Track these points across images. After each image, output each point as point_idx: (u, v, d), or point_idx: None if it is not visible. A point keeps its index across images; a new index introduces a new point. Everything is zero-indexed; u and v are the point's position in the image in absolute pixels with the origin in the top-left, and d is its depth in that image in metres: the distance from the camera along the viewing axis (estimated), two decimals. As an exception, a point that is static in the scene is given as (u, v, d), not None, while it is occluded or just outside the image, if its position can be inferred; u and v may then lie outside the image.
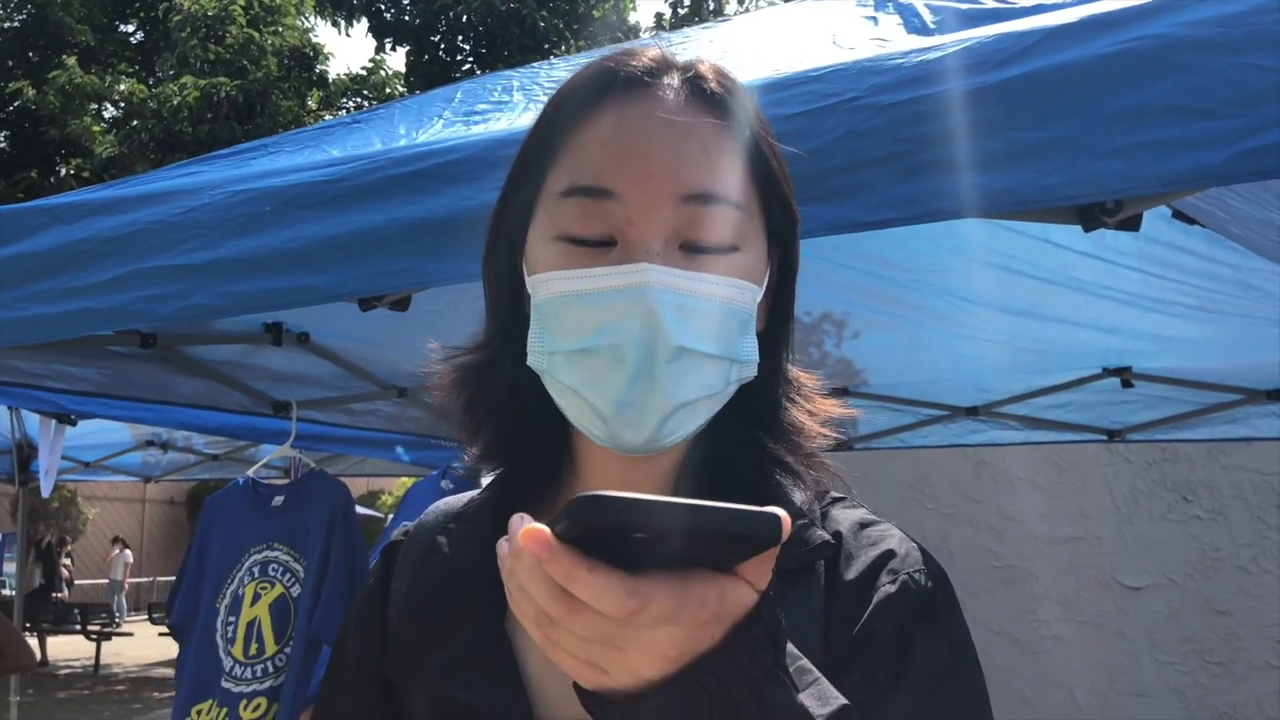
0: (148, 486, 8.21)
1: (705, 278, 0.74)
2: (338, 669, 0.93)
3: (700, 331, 0.73)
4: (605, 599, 0.52)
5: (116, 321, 1.64)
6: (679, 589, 0.54)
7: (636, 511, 0.50)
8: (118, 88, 15.18)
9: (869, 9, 1.81)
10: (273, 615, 2.89)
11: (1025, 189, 1.04)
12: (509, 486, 0.89)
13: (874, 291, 2.64)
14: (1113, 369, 3.40)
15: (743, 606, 0.57)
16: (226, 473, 6.55)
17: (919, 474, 5.86)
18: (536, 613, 0.55)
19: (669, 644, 0.54)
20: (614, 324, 0.73)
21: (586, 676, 0.57)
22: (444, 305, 2.62)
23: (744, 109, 0.78)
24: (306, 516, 2.99)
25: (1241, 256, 2.21)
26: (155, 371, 3.01)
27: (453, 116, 1.77)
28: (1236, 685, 5.36)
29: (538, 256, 0.78)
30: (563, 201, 0.75)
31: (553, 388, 0.79)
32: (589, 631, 0.54)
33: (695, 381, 0.74)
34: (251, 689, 2.82)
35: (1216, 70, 0.97)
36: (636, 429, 0.74)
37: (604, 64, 0.79)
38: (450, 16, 14.82)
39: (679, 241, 0.74)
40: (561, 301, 0.75)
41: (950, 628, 0.76)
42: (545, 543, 0.52)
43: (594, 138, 0.76)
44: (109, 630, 14.76)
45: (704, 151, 0.75)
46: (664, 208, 0.73)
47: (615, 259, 0.74)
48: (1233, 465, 5.50)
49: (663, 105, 0.76)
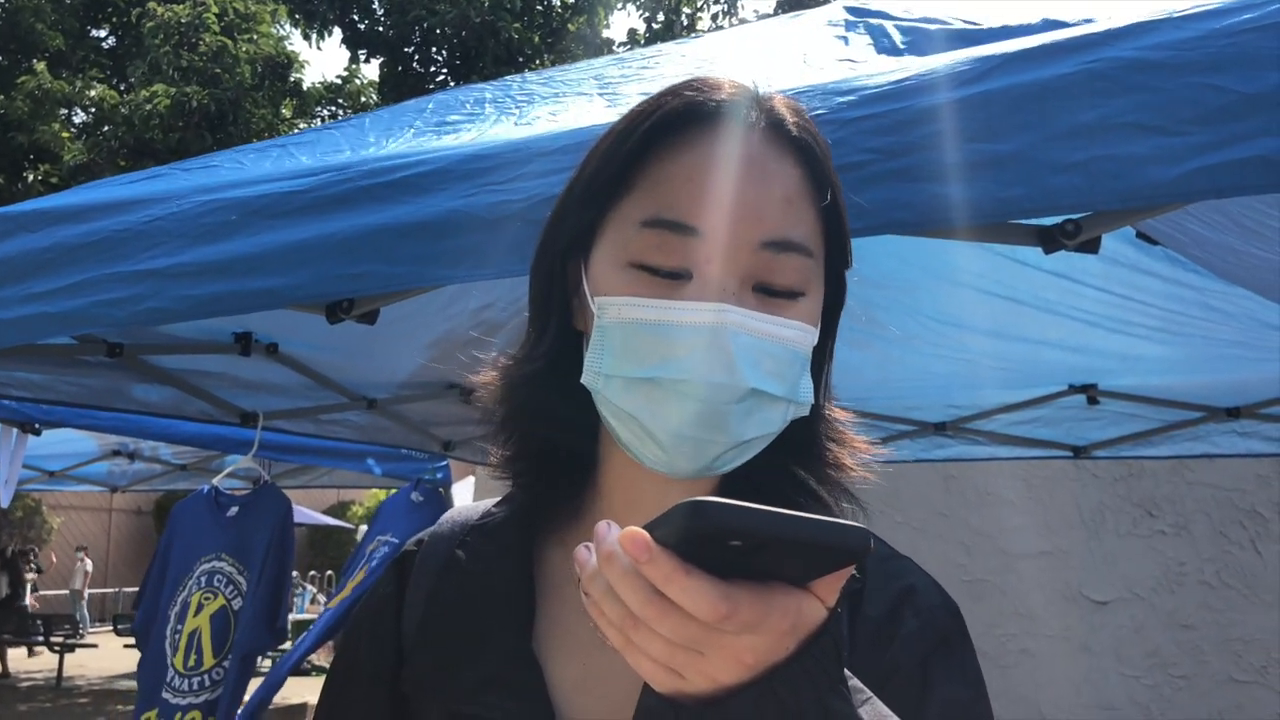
0: (114, 496, 8.09)
1: (777, 320, 0.75)
2: (346, 678, 0.92)
3: (768, 373, 0.75)
4: (700, 603, 0.54)
5: (72, 326, 1.62)
6: (765, 598, 0.56)
7: (739, 518, 0.52)
8: (88, 93, 15.04)
9: (840, 29, 1.83)
10: (213, 627, 2.88)
11: (985, 200, 1.05)
12: (532, 501, 0.89)
13: (844, 308, 2.66)
14: (1079, 386, 3.44)
15: (816, 620, 0.59)
16: (194, 483, 6.47)
17: (890, 488, 5.88)
18: (622, 616, 0.57)
19: (749, 652, 0.57)
20: (684, 358, 0.73)
21: (663, 681, 0.59)
22: (414, 314, 2.62)
23: (822, 152, 0.80)
24: (253, 529, 3.00)
25: (1203, 279, 2.25)
26: (122, 380, 2.98)
27: (424, 126, 1.77)
28: (1200, 699, 5.42)
29: (607, 279, 0.78)
30: (642, 230, 0.76)
31: (606, 408, 0.79)
32: (677, 635, 0.56)
33: (758, 421, 0.76)
34: (187, 701, 2.80)
35: (1171, 90, 0.99)
36: (693, 460, 0.76)
37: (689, 93, 0.78)
38: (424, 28, 14.81)
39: (753, 283, 0.76)
40: (631, 328, 0.75)
41: (965, 660, 0.80)
42: (646, 545, 0.54)
43: (680, 171, 0.76)
44: (72, 642, 14.52)
45: (786, 199, 0.76)
46: (744, 250, 0.75)
47: (691, 294, 0.74)
48: (1196, 481, 5.57)
49: (746, 144, 0.76)
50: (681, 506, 0.53)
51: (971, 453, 4.24)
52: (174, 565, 3.03)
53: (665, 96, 0.79)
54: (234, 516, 3.06)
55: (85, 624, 18.12)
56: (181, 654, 2.86)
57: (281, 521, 3.04)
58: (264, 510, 3.06)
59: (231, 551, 3.00)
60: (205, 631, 2.88)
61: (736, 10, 16.43)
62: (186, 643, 2.86)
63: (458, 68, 15.00)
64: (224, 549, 3.00)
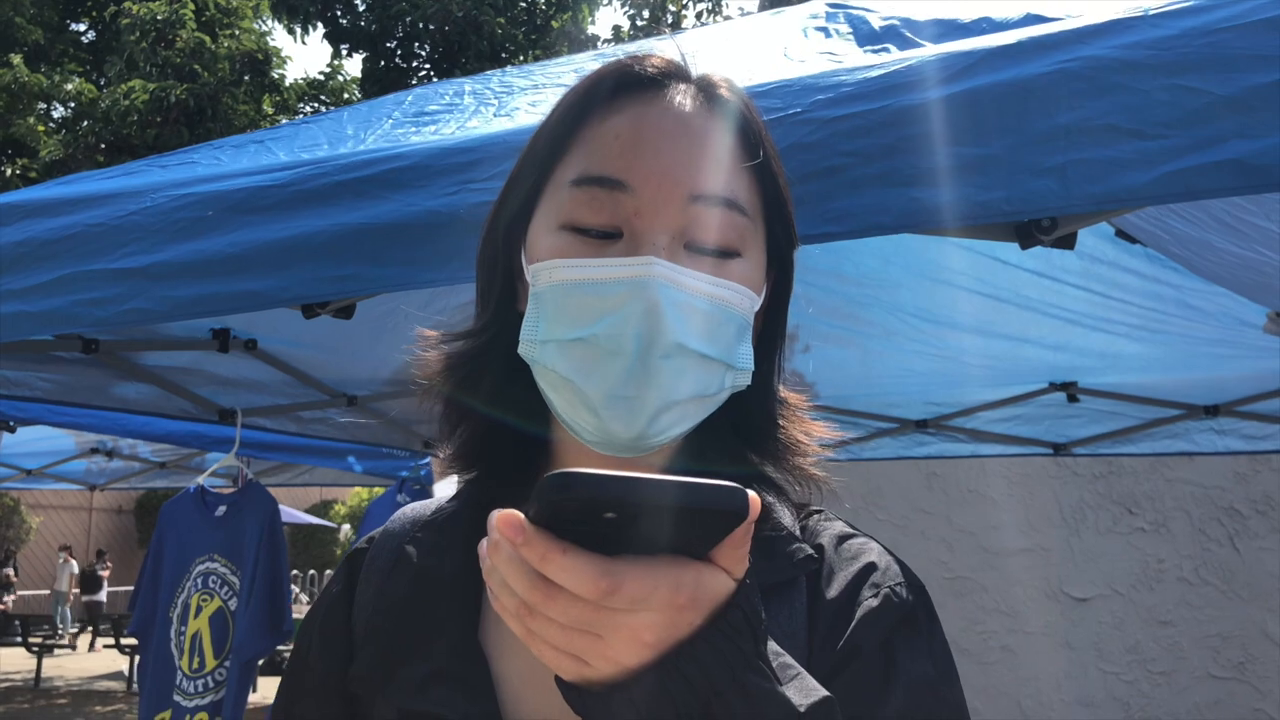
0: (94, 495, 8.03)
1: (708, 278, 0.74)
2: (299, 677, 0.91)
3: (699, 331, 0.74)
4: (579, 579, 0.53)
5: (54, 325, 1.61)
6: (652, 571, 0.55)
7: (603, 486, 0.51)
8: (66, 87, 14.91)
9: (820, 20, 1.83)
10: (212, 629, 2.89)
11: (965, 204, 1.05)
12: (483, 493, 0.87)
13: (826, 306, 2.66)
14: (1059, 383, 3.46)
15: (720, 593, 0.57)
16: (173, 481, 6.44)
17: (872, 486, 5.91)
18: (517, 605, 0.56)
19: (647, 630, 0.55)
20: (614, 314, 0.72)
21: (568, 668, 0.57)
22: (393, 309, 2.61)
23: (754, 122, 0.80)
24: (242, 529, 3.00)
25: (1182, 277, 2.26)
26: (99, 377, 2.96)
27: (402, 117, 1.75)
28: (1178, 695, 5.46)
29: (540, 244, 0.77)
30: (573, 190, 0.76)
31: (543, 377, 0.78)
32: (567, 618, 0.54)
33: (690, 381, 0.74)
34: (194, 703, 2.81)
35: (1147, 92, 1.00)
36: (627, 423, 0.73)
37: (622, 62, 0.79)
38: (407, 23, 14.75)
39: (684, 240, 0.75)
40: (563, 289, 0.75)
41: (932, 640, 0.77)
42: (519, 526, 0.53)
43: (610, 130, 0.76)
44: (50, 643, 14.41)
45: (715, 156, 0.76)
46: (673, 205, 0.74)
47: (621, 251, 0.74)
48: (1175, 479, 5.62)
49: (678, 106, 0.77)
50: (546, 479, 0.51)
51: (953, 450, 4.26)
52: (168, 567, 3.03)
53: (601, 69, 0.80)
54: (222, 516, 3.07)
55: (67, 625, 17.97)
56: (186, 657, 2.87)
57: (269, 520, 3.04)
58: (251, 509, 3.06)
59: (223, 552, 3.00)
60: (206, 634, 2.90)
61: (721, 8, 16.44)
62: (190, 645, 2.88)
63: (440, 63, 14.95)
64: (216, 549, 3.01)
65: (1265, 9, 0.99)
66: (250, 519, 3.03)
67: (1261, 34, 0.98)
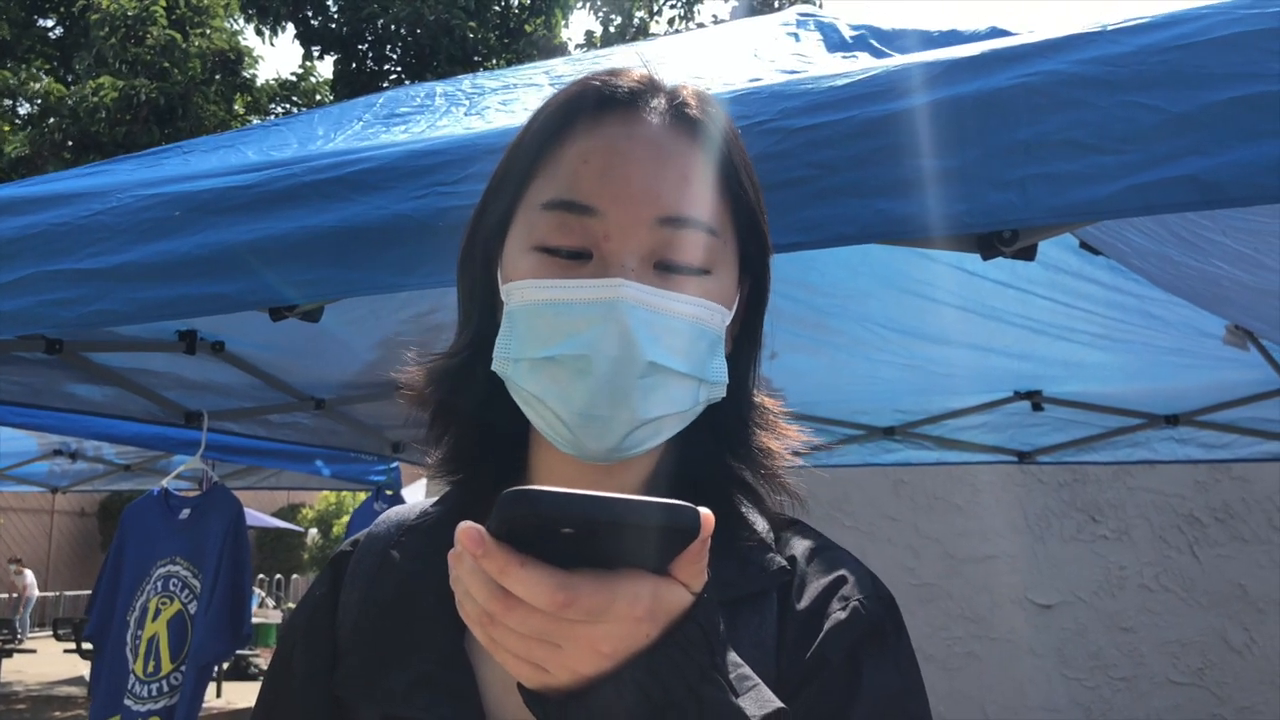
0: (56, 497, 7.90)
1: (676, 296, 0.76)
2: (281, 681, 0.90)
3: (670, 348, 0.75)
4: (536, 592, 0.55)
5: (18, 326, 1.59)
6: (608, 584, 0.56)
7: (559, 504, 0.52)
8: (33, 84, 14.70)
9: (791, 26, 1.85)
10: (170, 632, 2.86)
11: (929, 216, 1.07)
12: (466, 499, 0.88)
13: (793, 315, 2.68)
14: (1024, 392, 3.50)
15: (677, 606, 0.59)
16: (138, 484, 6.35)
17: (840, 493, 5.95)
18: (479, 614, 0.58)
19: (604, 641, 0.57)
20: (582, 334, 0.74)
21: (529, 676, 0.59)
22: (364, 315, 2.60)
23: (725, 137, 0.81)
24: (206, 532, 2.97)
25: (1143, 287, 2.30)
26: (62, 378, 2.92)
27: (372, 119, 1.75)
28: (1139, 700, 5.53)
29: (514, 264, 0.79)
30: (543, 213, 0.77)
31: (517, 394, 0.79)
32: (526, 628, 0.56)
33: (663, 398, 0.76)
34: (146, 708, 2.77)
35: (1105, 108, 1.02)
36: (600, 440, 0.75)
37: (591, 82, 0.80)
38: (378, 26, 14.68)
39: (653, 261, 0.76)
40: (534, 309, 0.76)
41: (899, 653, 0.78)
42: (479, 539, 0.55)
43: (578, 154, 0.77)
44: (10, 647, 14.17)
45: (683, 177, 0.77)
46: (641, 228, 0.75)
47: (591, 272, 0.75)
48: (1137, 487, 5.69)
49: (647, 127, 0.78)
50: (506, 495, 0.53)
51: (919, 457, 4.29)
52: (128, 569, 3.00)
53: (572, 86, 0.81)
54: (186, 519, 3.04)
55: (25, 630, 17.68)
56: (141, 660, 2.83)
57: (233, 524, 3.01)
58: (215, 512, 3.03)
59: (186, 555, 2.98)
60: (163, 637, 2.86)
61: (693, 15, 16.51)
62: (145, 649, 2.84)
63: (412, 66, 14.89)
64: (178, 552, 2.98)
65: (1219, 27, 1.01)
66: (214, 522, 3.00)
67: (1215, 52, 1.01)
